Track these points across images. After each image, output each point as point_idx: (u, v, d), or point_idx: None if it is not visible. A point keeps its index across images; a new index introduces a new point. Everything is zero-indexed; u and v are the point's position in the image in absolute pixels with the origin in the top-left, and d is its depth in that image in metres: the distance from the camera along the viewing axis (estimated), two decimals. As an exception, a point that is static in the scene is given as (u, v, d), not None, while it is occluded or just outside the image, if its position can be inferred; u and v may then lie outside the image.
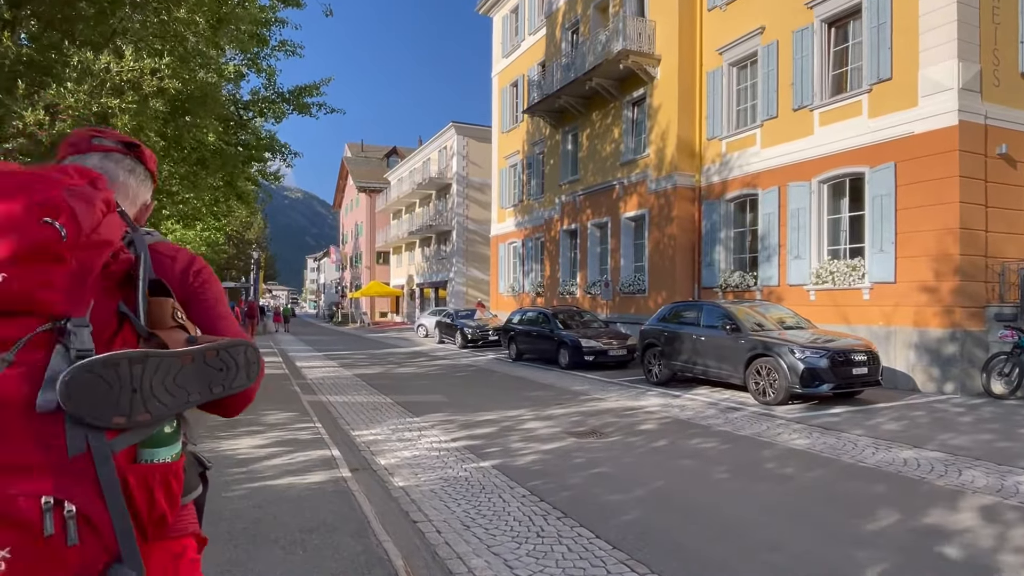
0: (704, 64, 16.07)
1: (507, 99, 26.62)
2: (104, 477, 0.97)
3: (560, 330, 15.72)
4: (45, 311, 0.98)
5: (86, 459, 0.96)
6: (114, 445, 0.99)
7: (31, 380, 0.95)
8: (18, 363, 0.95)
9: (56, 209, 0.97)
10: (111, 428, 0.98)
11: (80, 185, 1.03)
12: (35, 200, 0.96)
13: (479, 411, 9.43)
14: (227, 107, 14.41)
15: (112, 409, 0.96)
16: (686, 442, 7.38)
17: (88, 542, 0.94)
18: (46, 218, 0.95)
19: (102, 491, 0.96)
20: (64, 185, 1.01)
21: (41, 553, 0.91)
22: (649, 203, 16.90)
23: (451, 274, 36.75)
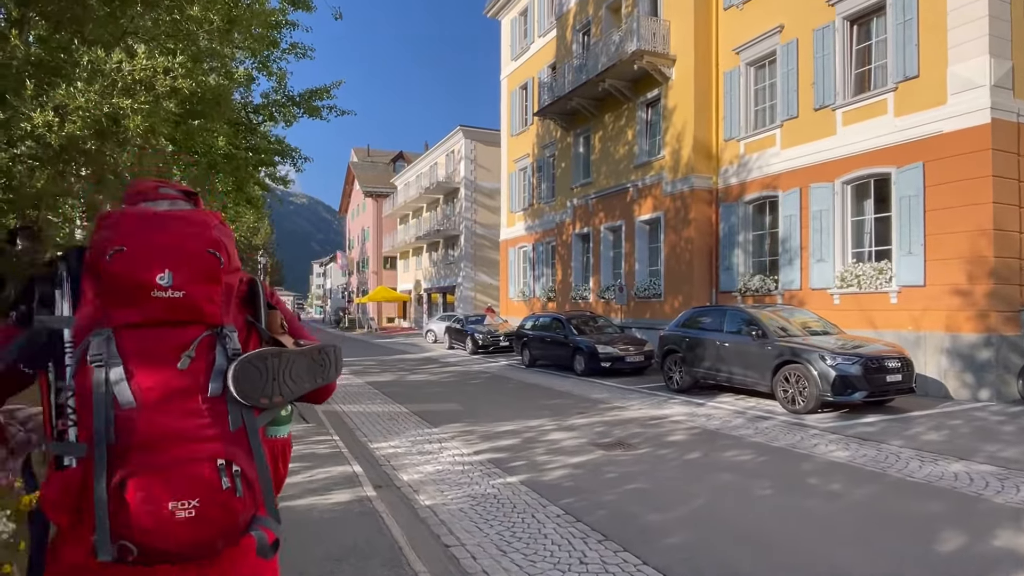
0: (720, 64, 15.77)
1: (516, 102, 26.38)
2: (254, 445, 1.23)
3: (575, 336, 15.41)
4: (207, 320, 1.25)
5: (242, 432, 1.22)
6: (258, 421, 1.26)
7: (203, 373, 1.22)
8: (195, 360, 1.21)
9: (216, 243, 1.26)
10: (258, 407, 1.24)
11: (219, 224, 1.31)
12: (205, 236, 1.25)
13: (499, 421, 9.13)
14: (238, 111, 14.21)
15: (260, 392, 1.23)
16: (720, 454, 7.06)
17: (247, 495, 1.18)
18: (211, 249, 1.24)
19: (253, 455, 1.22)
20: (214, 224, 1.29)
21: (219, 501, 1.15)
22: (664, 206, 16.59)
23: (459, 279, 36.49)
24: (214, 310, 1.26)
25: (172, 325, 1.23)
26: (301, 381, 1.32)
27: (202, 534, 1.15)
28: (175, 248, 1.22)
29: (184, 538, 1.13)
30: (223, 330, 1.26)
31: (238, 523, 1.19)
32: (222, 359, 1.24)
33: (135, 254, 1.19)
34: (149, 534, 1.11)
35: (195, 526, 1.14)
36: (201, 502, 1.14)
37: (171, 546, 1.13)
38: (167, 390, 1.19)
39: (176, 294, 1.21)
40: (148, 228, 1.23)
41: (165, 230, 1.23)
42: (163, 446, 1.15)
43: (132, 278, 1.19)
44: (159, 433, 1.16)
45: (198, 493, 1.14)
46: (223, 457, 1.18)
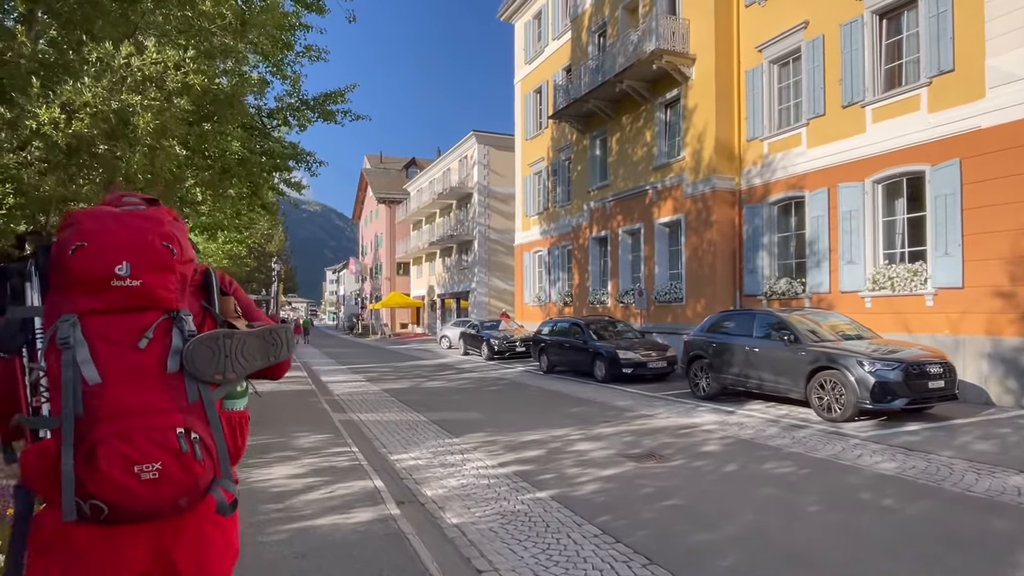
0: (742, 62, 15.39)
1: (530, 106, 26.10)
2: (211, 416, 1.41)
3: (595, 341, 15.04)
4: (164, 306, 1.41)
5: (199, 404, 1.39)
6: (214, 395, 1.43)
7: (161, 352, 1.38)
8: (153, 341, 1.38)
9: (169, 237, 1.43)
10: (212, 382, 1.42)
11: (171, 220, 1.47)
12: (158, 231, 1.42)
13: (522, 430, 8.79)
14: (252, 116, 14.01)
15: (213, 368, 1.41)
16: (759, 466, 6.67)
17: (206, 459, 1.36)
18: (165, 242, 1.42)
19: (210, 425, 1.40)
20: (166, 221, 1.46)
21: (179, 464, 1.31)
22: (685, 208, 16.20)
23: (473, 284, 36.21)
24: (169, 296, 1.41)
25: (132, 311, 1.38)
26: (253, 359, 1.48)
27: (165, 493, 1.30)
28: (131, 242, 1.37)
29: (149, 497, 1.28)
30: (179, 314, 1.42)
31: (198, 483, 1.35)
32: (178, 340, 1.39)
33: (95, 248, 1.34)
34: (117, 494, 1.25)
35: (159, 486, 1.28)
36: (163, 465, 1.28)
37: (138, 505, 1.28)
38: (129, 368, 1.34)
39: (134, 283, 1.36)
40: (107, 225, 1.38)
41: (122, 226, 1.38)
42: (127, 417, 1.29)
43: (93, 270, 1.34)
44: (123, 406, 1.30)
45: (160, 457, 1.28)
46: (181, 426, 1.33)
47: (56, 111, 4.82)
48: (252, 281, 54.27)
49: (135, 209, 1.47)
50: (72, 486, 1.24)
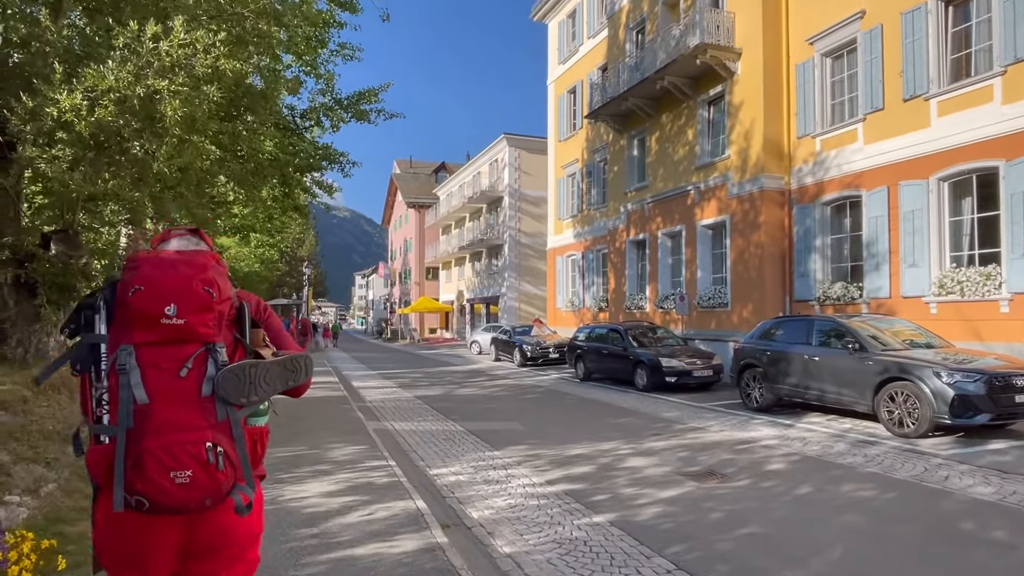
0: (792, 56, 14.67)
1: (564, 106, 25.59)
2: (236, 433, 1.69)
3: (635, 348, 14.41)
4: (202, 340, 1.71)
5: (226, 423, 1.68)
6: (239, 415, 1.72)
7: (198, 379, 1.68)
8: (192, 370, 1.67)
9: (210, 282, 1.71)
10: (238, 404, 1.70)
11: (214, 265, 1.77)
12: (200, 277, 1.70)
13: (566, 443, 8.23)
14: (285, 116, 13.75)
15: (239, 393, 1.68)
16: (835, 488, 6.01)
17: (228, 469, 1.65)
18: (207, 288, 1.70)
19: (235, 440, 1.68)
20: (210, 266, 1.75)
21: (206, 473, 1.60)
22: (731, 209, 15.49)
23: (503, 289, 35.75)
24: (208, 332, 1.72)
25: (176, 343, 1.69)
26: (274, 384, 1.77)
27: (194, 495, 1.62)
28: (178, 287, 1.68)
29: (181, 497, 1.61)
30: (215, 347, 1.72)
31: (221, 489, 1.66)
32: (212, 369, 1.69)
33: (149, 292, 1.67)
34: (157, 493, 1.59)
35: (189, 489, 1.60)
36: (193, 472, 1.60)
37: (172, 502, 1.61)
38: (172, 391, 1.66)
39: (179, 321, 1.67)
40: (159, 272, 1.70)
41: (173, 273, 1.70)
42: (168, 432, 1.61)
43: (147, 310, 1.66)
44: (164, 422, 1.62)
45: (191, 466, 1.60)
46: (210, 441, 1.63)
47: (78, 97, 4.45)
48: (283, 285, 54.65)
49: (184, 245, 1.82)
50: (122, 485, 1.57)
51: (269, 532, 4.33)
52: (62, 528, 4.15)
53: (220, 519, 1.72)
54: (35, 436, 5.32)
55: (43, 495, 4.63)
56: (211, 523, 1.72)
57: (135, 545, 1.68)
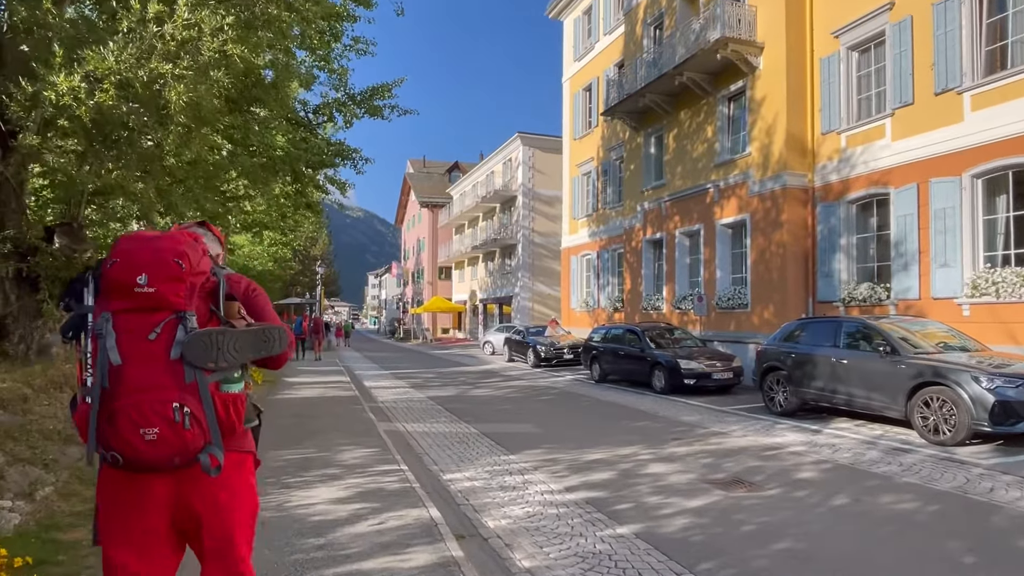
0: (815, 50, 14.25)
1: (579, 104, 25.26)
2: (203, 394, 1.80)
3: (653, 349, 14.05)
4: (173, 308, 1.84)
5: (194, 385, 1.79)
6: (208, 379, 1.83)
7: (168, 343, 1.80)
8: (161, 334, 1.81)
9: (181, 255, 1.85)
10: (206, 369, 1.81)
11: (188, 241, 1.91)
12: (172, 249, 1.85)
13: (583, 447, 7.93)
14: (295, 110, 13.56)
15: (206, 358, 1.80)
16: (873, 500, 5.66)
17: (195, 429, 1.77)
18: (177, 260, 1.84)
19: (202, 402, 1.80)
20: (183, 242, 1.90)
21: (172, 431, 1.74)
22: (751, 207, 15.09)
23: (516, 289, 35.46)
24: (178, 300, 1.84)
25: (148, 311, 1.82)
26: (244, 351, 1.88)
27: (161, 452, 1.75)
28: (150, 259, 1.83)
29: (150, 453, 1.74)
30: (185, 314, 1.84)
31: (188, 447, 1.77)
32: (182, 334, 1.81)
33: (123, 264, 1.83)
34: (126, 448, 1.73)
35: (157, 446, 1.74)
36: (160, 430, 1.73)
37: (142, 458, 1.75)
38: (141, 354, 1.79)
39: (150, 290, 1.81)
40: (135, 246, 1.87)
41: (146, 247, 1.85)
42: (138, 392, 1.75)
43: (121, 280, 1.82)
44: (136, 383, 1.76)
45: (158, 424, 1.73)
46: (177, 401, 1.76)
47: (76, 80, 4.22)
48: (297, 284, 54.70)
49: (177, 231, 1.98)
50: (94, 439, 1.77)
51: (274, 541, 4.08)
52: (55, 535, 3.91)
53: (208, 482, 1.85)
54: (34, 436, 5.10)
55: (38, 499, 4.40)
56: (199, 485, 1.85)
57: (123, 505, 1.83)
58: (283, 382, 15.31)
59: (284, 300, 46.75)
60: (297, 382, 15.38)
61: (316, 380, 15.86)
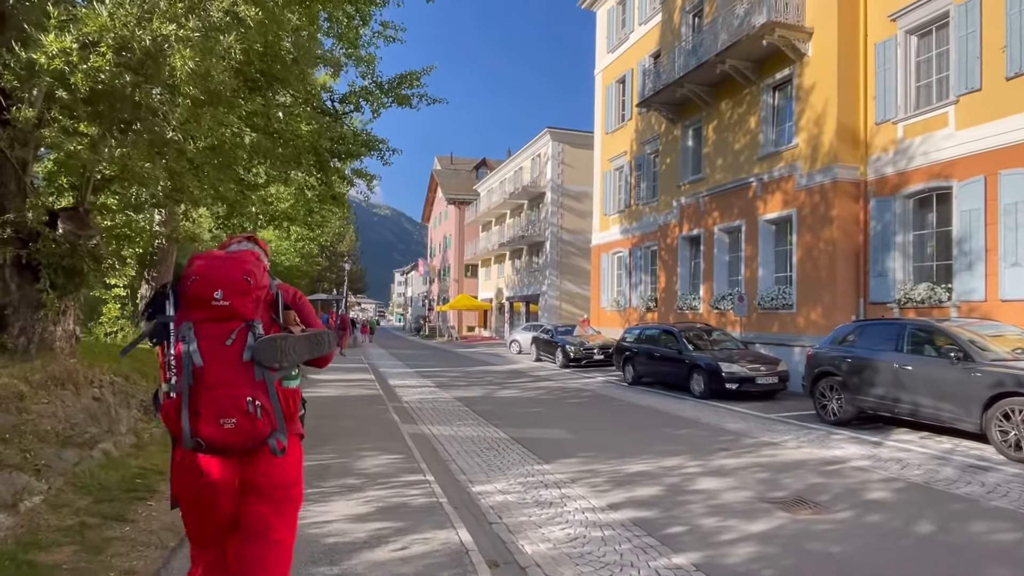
0: (870, 34, 13.35)
1: (612, 97, 24.52)
2: (271, 391, 2.15)
3: (691, 351, 13.32)
4: (243, 318, 2.18)
5: (262, 382, 2.14)
6: (273, 377, 2.17)
7: (241, 347, 2.14)
8: (235, 340, 2.15)
9: (249, 273, 2.22)
10: (272, 368, 2.15)
11: (253, 260, 2.31)
12: (241, 269, 2.22)
13: (623, 456, 7.30)
14: (323, 97, 13.13)
15: (272, 359, 2.14)
16: (963, 528, 4.93)
17: (264, 419, 2.13)
18: (246, 277, 2.20)
19: (269, 396, 2.15)
20: (249, 261, 2.28)
21: (247, 420, 2.09)
22: (798, 202, 14.24)
23: (544, 287, 34.82)
24: (247, 311, 2.20)
25: (223, 320, 2.17)
26: (301, 353, 2.24)
27: (237, 438, 2.11)
28: (224, 277, 2.19)
29: (228, 439, 2.10)
30: (253, 323, 2.19)
31: (259, 434, 2.13)
32: (251, 340, 2.16)
33: (202, 281, 2.18)
34: (210, 435, 2.09)
35: (234, 433, 2.10)
36: (237, 420, 2.09)
37: (221, 443, 2.10)
38: (220, 357, 2.13)
39: (224, 303, 2.17)
40: (210, 266, 2.23)
41: (220, 267, 2.22)
42: (218, 388, 2.10)
43: (201, 295, 2.17)
44: (215, 380, 2.11)
45: (236, 414, 2.09)
46: (250, 395, 2.12)
47: (67, 40, 3.74)
48: (323, 280, 54.81)
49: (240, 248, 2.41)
50: (187, 427, 2.09)
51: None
52: (34, 557, 3.42)
53: (264, 462, 2.18)
54: (27, 438, 4.65)
55: (23, 511, 3.93)
56: (258, 465, 2.18)
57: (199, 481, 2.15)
58: (307, 379, 14.93)
59: (311, 296, 46.86)
60: (321, 379, 14.98)
61: (340, 378, 15.45)
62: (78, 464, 4.89)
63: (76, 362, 5.84)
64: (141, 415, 6.71)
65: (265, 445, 2.13)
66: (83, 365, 5.97)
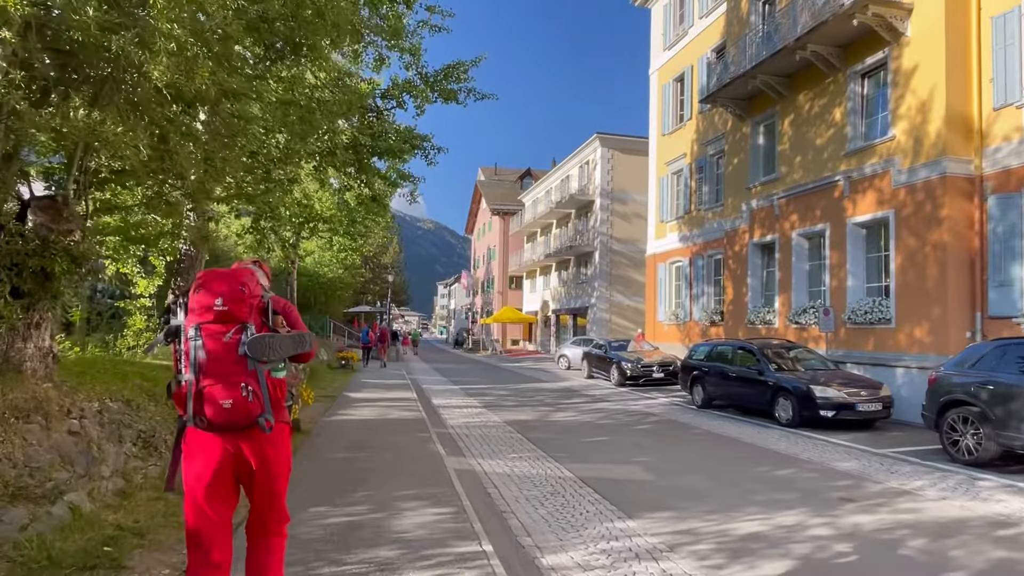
0: (984, 7, 11.56)
1: (669, 96, 22.98)
2: (260, 379, 2.68)
3: (774, 372, 11.65)
4: (239, 320, 2.72)
5: (254, 372, 2.67)
6: (263, 368, 2.70)
7: (237, 344, 2.68)
8: (232, 338, 2.69)
9: (244, 283, 2.78)
10: (261, 361, 2.68)
11: (248, 275, 2.85)
12: (238, 281, 2.78)
13: (725, 508, 5.82)
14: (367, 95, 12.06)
15: (261, 354, 2.67)
16: None
17: (255, 401, 2.65)
18: (240, 287, 2.76)
19: (259, 383, 2.67)
20: (244, 275, 2.83)
21: (241, 401, 2.63)
22: (896, 201, 12.46)
23: (592, 299, 33.25)
24: (243, 316, 2.74)
25: (223, 323, 2.71)
26: (286, 349, 2.77)
27: (234, 415, 2.63)
28: (223, 288, 2.74)
29: (227, 417, 2.63)
30: (247, 325, 2.73)
31: (251, 413, 2.65)
32: (245, 337, 2.69)
33: (205, 291, 2.73)
34: (212, 414, 2.62)
35: (231, 412, 2.63)
36: (234, 401, 2.62)
37: (220, 420, 2.63)
38: (220, 351, 2.67)
39: (223, 308, 2.71)
40: (213, 278, 2.79)
41: (221, 280, 2.77)
42: (218, 376, 2.64)
43: (204, 302, 2.72)
44: (216, 370, 2.65)
45: (232, 396, 2.62)
46: (244, 382, 2.65)
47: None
48: (367, 292, 54.36)
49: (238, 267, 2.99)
50: (192, 408, 2.64)
51: None
52: None
53: (258, 441, 2.72)
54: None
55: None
56: (252, 442, 2.70)
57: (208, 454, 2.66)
58: (344, 398, 13.80)
59: (354, 308, 46.29)
60: (359, 398, 13.84)
61: (379, 396, 14.29)
62: (27, 527, 3.69)
63: (51, 387, 4.71)
64: (138, 450, 5.56)
65: (256, 424, 2.68)
66: (62, 391, 4.84)
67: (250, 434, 2.67)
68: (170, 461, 2.82)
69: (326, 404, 12.04)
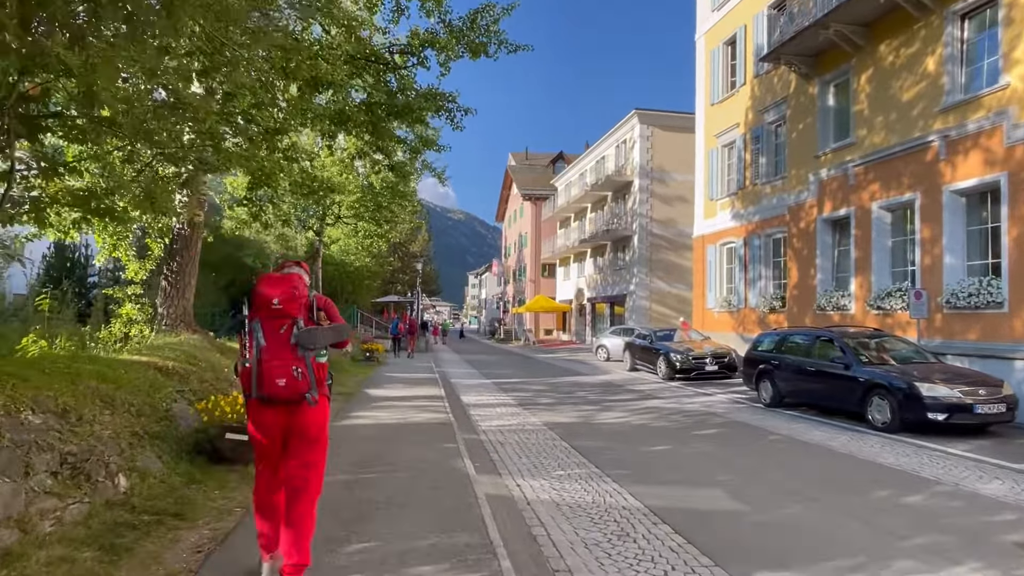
0: None
1: (719, 61, 20.95)
2: (308, 363, 3.31)
3: (864, 366, 9.83)
4: (291, 316, 3.35)
5: (303, 358, 3.31)
6: (310, 355, 3.34)
7: (289, 334, 3.32)
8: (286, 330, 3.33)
9: (295, 286, 3.42)
10: (309, 348, 3.33)
11: (298, 279, 3.49)
12: (289, 284, 3.42)
13: (852, 554, 4.14)
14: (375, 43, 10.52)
15: (309, 343, 3.33)
16: None
17: (304, 381, 3.28)
18: (292, 289, 3.40)
19: (307, 367, 3.30)
20: (296, 279, 3.48)
21: (293, 380, 3.26)
22: (1011, 162, 10.44)
23: (631, 286, 31.39)
24: (295, 312, 3.31)
25: (279, 318, 3.30)
26: (327, 339, 3.38)
27: (287, 392, 3.23)
28: (279, 290, 3.34)
29: (281, 393, 3.23)
30: (297, 320, 3.30)
31: (301, 391, 3.24)
32: (296, 330, 3.27)
33: (265, 293, 3.34)
34: (270, 391, 3.24)
35: (284, 389, 3.22)
36: (287, 380, 3.22)
37: (276, 396, 3.24)
38: (276, 341, 3.28)
39: (279, 307, 3.29)
40: (270, 282, 3.41)
41: (277, 284, 3.39)
42: (274, 360, 3.24)
43: (264, 301, 3.32)
44: (273, 356, 3.25)
45: (286, 376, 3.22)
46: (295, 365, 3.24)
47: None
48: (396, 282, 53.28)
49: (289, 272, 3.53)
50: (255, 387, 3.25)
51: None
52: None
53: (303, 412, 3.28)
54: None
55: None
56: (299, 414, 3.28)
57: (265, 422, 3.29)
58: (362, 395, 12.39)
59: (383, 298, 45.20)
60: (380, 396, 12.41)
61: (403, 394, 12.84)
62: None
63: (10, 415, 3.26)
64: (58, 482, 4.14)
65: (303, 399, 3.25)
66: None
67: (298, 407, 3.29)
68: None
69: (340, 403, 10.61)
